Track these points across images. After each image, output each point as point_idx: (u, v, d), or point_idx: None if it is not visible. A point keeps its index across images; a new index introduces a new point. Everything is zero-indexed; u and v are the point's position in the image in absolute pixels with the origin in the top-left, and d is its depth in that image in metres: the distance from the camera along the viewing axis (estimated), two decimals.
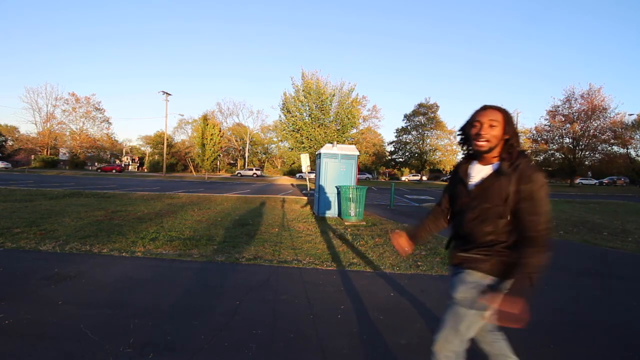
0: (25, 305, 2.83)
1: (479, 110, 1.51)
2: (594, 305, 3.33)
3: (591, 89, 37.90)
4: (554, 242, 6.43)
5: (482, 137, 1.45)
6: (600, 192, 27.63)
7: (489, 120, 1.45)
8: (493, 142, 1.46)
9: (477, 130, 1.48)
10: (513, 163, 1.42)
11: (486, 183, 1.46)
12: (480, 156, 1.54)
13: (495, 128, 1.45)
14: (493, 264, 1.48)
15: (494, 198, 1.42)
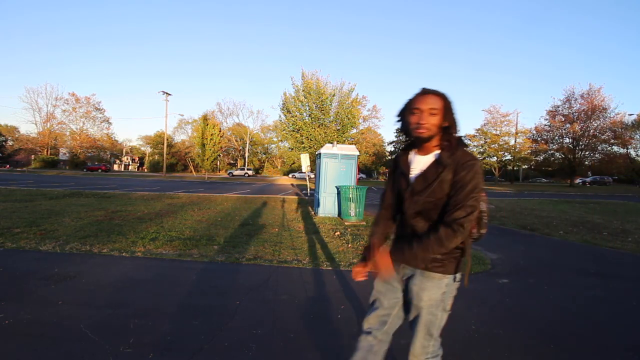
0: (25, 305, 2.83)
1: (417, 95, 1.39)
2: (594, 305, 3.33)
3: (591, 89, 37.97)
4: (555, 242, 6.43)
5: (422, 126, 1.36)
6: (600, 192, 27.63)
7: (428, 109, 1.35)
8: (433, 130, 1.36)
9: (417, 118, 1.37)
10: (453, 151, 1.36)
11: (427, 174, 1.39)
12: (420, 145, 1.45)
13: (435, 116, 1.36)
14: (448, 261, 1.42)
15: (436, 190, 1.36)
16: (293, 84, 26.28)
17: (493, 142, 43.81)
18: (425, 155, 1.44)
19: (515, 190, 27.70)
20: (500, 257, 5.06)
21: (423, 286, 1.43)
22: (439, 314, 1.45)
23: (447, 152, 1.37)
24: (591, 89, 37.94)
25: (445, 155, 1.37)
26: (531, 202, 15.77)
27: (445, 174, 1.34)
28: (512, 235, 7.08)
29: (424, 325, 1.46)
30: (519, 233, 7.40)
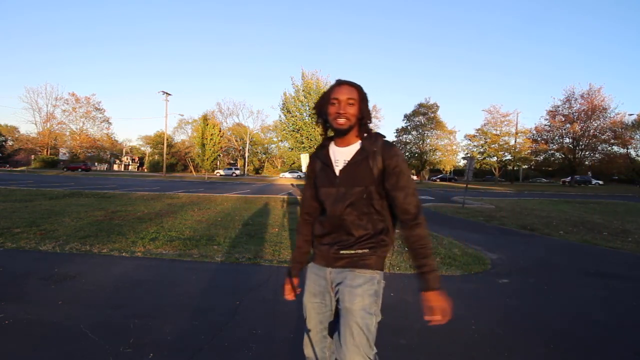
0: (25, 305, 2.83)
1: (334, 86, 1.38)
2: (594, 305, 3.33)
3: (591, 89, 37.99)
4: (555, 242, 6.43)
5: (341, 115, 1.34)
6: (600, 192, 27.62)
7: (346, 99, 1.34)
8: (352, 120, 1.35)
9: (336, 108, 1.35)
10: (375, 141, 1.36)
11: (353, 165, 1.36)
12: (340, 137, 1.41)
13: (353, 106, 1.35)
14: (378, 257, 1.38)
15: (363, 179, 1.34)
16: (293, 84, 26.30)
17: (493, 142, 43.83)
18: (347, 147, 1.40)
19: (515, 190, 27.70)
20: (500, 257, 5.06)
21: (355, 285, 1.34)
22: (371, 319, 1.32)
23: (369, 141, 1.37)
24: (591, 89, 37.99)
25: (368, 143, 1.36)
26: (531, 202, 15.76)
27: (372, 161, 1.33)
28: (512, 235, 7.08)
29: (356, 331, 1.29)
30: (519, 233, 7.39)
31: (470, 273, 4.22)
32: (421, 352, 2.33)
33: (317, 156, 1.49)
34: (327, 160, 1.43)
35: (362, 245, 1.36)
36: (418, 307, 3.21)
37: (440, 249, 5.25)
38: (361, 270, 1.36)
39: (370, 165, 1.33)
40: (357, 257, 1.36)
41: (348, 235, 1.38)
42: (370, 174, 1.33)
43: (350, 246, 1.37)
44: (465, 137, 47.60)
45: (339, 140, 1.42)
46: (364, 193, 1.34)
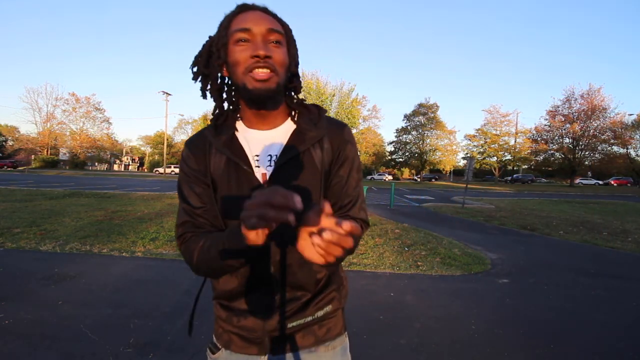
0: (25, 305, 2.83)
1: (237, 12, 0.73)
2: (594, 305, 3.33)
3: (591, 89, 38.01)
4: (555, 242, 6.43)
5: (263, 62, 0.69)
6: (600, 192, 27.63)
7: (267, 31, 0.70)
8: (281, 73, 0.72)
9: (252, 48, 0.69)
10: (317, 117, 0.81)
11: (292, 164, 0.76)
12: (257, 109, 0.76)
13: (280, 48, 0.72)
14: (342, 307, 0.90)
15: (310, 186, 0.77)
16: None
17: (493, 142, 43.87)
18: (272, 130, 0.79)
19: (515, 190, 27.70)
20: (500, 257, 5.06)
21: None
22: None
23: (308, 118, 0.81)
24: (591, 89, 38.01)
25: (308, 122, 0.80)
26: (531, 202, 15.77)
27: (316, 154, 0.78)
28: (512, 235, 7.08)
29: None
30: (519, 233, 7.39)
31: (470, 273, 4.22)
32: (421, 352, 2.33)
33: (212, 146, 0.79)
34: (239, 153, 0.77)
35: (323, 301, 0.83)
36: (418, 307, 3.23)
37: (440, 249, 5.25)
38: (327, 346, 0.84)
39: (314, 160, 0.78)
40: (317, 325, 0.83)
41: (295, 291, 0.79)
42: (317, 177, 0.78)
43: (304, 309, 0.80)
44: (465, 137, 47.65)
45: (255, 119, 0.78)
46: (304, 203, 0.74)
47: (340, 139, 0.81)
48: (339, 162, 0.81)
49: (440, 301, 3.26)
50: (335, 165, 0.80)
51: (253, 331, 0.80)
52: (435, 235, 6.39)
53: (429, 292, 3.52)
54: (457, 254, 5.01)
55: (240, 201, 0.65)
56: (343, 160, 0.81)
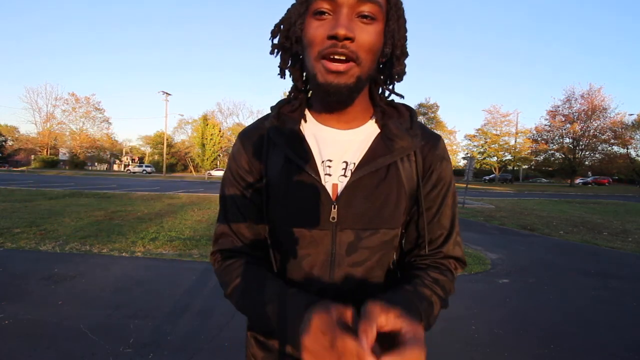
0: (25, 305, 2.83)
1: None
2: (594, 305, 3.33)
3: (591, 89, 38.03)
4: (555, 242, 6.43)
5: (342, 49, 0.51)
6: (600, 192, 27.63)
7: (356, 2, 0.52)
8: (366, 64, 0.55)
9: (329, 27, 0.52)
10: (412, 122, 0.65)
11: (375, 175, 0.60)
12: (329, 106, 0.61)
13: (372, 26, 0.54)
14: None
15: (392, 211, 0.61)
16: None
17: (493, 142, 43.86)
18: (350, 130, 0.63)
19: (515, 190, 27.70)
20: (500, 257, 5.06)
21: None
22: None
23: (398, 122, 0.64)
24: (591, 89, 38.03)
25: (398, 127, 0.63)
26: (531, 202, 15.77)
27: (405, 169, 0.62)
28: (512, 235, 7.08)
29: None
30: (519, 233, 7.39)
31: (470, 273, 4.22)
32: None
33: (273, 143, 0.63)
34: (304, 155, 0.61)
35: None
36: None
37: None
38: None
39: (402, 178, 0.62)
40: None
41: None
42: (403, 199, 0.62)
43: None
44: (465, 137, 47.66)
45: (329, 115, 0.63)
46: (390, 243, 0.63)
47: (434, 154, 0.64)
48: (430, 183, 0.64)
49: None
50: (425, 186, 0.64)
51: None
52: None
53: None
54: None
55: (296, 215, 0.59)
56: (436, 181, 0.64)
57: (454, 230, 0.66)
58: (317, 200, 0.59)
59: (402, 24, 0.59)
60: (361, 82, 0.55)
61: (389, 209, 0.60)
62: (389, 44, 0.57)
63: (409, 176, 0.62)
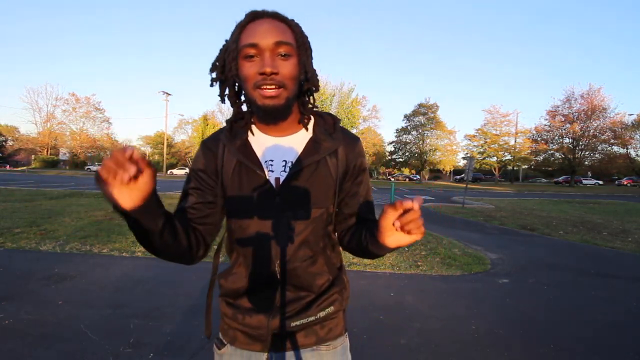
0: (25, 305, 2.83)
1: (246, 22, 0.73)
2: (594, 305, 3.33)
3: (591, 89, 38.04)
4: (555, 242, 6.43)
5: (271, 80, 0.70)
6: (600, 192, 27.63)
7: (274, 44, 0.70)
8: (290, 87, 0.73)
9: (258, 65, 0.70)
10: (332, 127, 0.84)
11: (307, 171, 0.78)
12: (268, 120, 0.79)
13: (289, 60, 0.72)
14: (344, 309, 0.92)
15: (323, 195, 0.80)
16: None
17: (493, 142, 43.87)
18: (286, 137, 0.81)
19: (515, 190, 27.71)
20: (500, 257, 5.06)
21: None
22: None
23: (324, 127, 0.83)
24: (591, 89, 38.03)
25: (323, 132, 0.82)
26: (531, 202, 15.77)
27: (330, 161, 0.81)
28: (512, 235, 7.08)
29: None
30: (519, 233, 7.40)
31: (470, 273, 4.22)
32: (421, 352, 2.33)
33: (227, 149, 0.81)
34: (251, 158, 0.79)
35: (326, 302, 0.84)
36: (418, 307, 3.23)
37: (440, 249, 5.25)
38: (328, 346, 0.86)
39: (330, 170, 0.81)
40: (319, 325, 0.85)
41: (299, 291, 0.82)
42: (331, 185, 0.81)
43: (307, 309, 0.82)
44: (465, 137, 47.67)
45: (268, 126, 0.81)
46: (323, 219, 0.81)
47: (354, 153, 0.85)
48: (354, 174, 0.85)
49: (440, 301, 3.26)
50: (351, 176, 0.84)
51: (257, 329, 0.82)
52: (435, 235, 6.39)
53: (429, 292, 3.52)
54: (457, 254, 5.01)
55: (249, 202, 0.78)
56: (359, 172, 0.85)
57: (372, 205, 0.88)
58: (264, 189, 0.78)
59: (309, 54, 0.78)
60: (289, 101, 0.74)
61: (319, 194, 0.79)
62: (303, 71, 0.76)
63: (335, 167, 0.81)
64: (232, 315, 0.84)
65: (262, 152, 0.81)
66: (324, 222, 0.82)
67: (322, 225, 0.82)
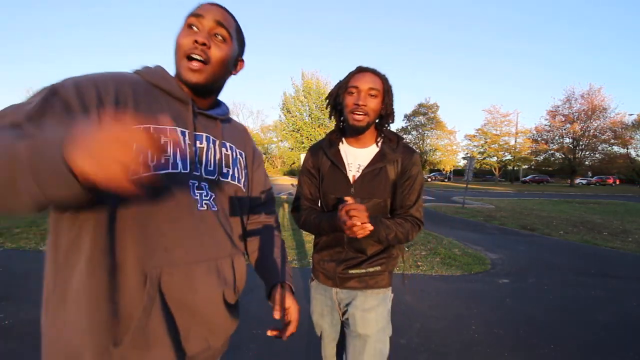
0: (25, 305, 2.83)
1: (354, 72, 1.18)
2: (594, 305, 3.33)
3: (591, 89, 37.97)
4: (555, 242, 6.43)
5: (360, 108, 1.13)
6: (600, 192, 27.63)
7: (368, 88, 1.13)
8: (372, 116, 1.16)
9: (354, 98, 1.14)
10: (397, 146, 1.22)
11: (371, 173, 1.19)
12: (354, 135, 1.22)
13: (375, 99, 1.15)
14: (389, 272, 1.27)
15: (382, 191, 1.19)
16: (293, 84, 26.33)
17: (493, 142, 43.85)
18: (363, 149, 1.23)
19: (515, 190, 27.71)
20: (500, 257, 5.06)
21: (368, 307, 1.21)
22: (387, 341, 1.25)
23: (389, 145, 1.22)
24: (591, 89, 37.96)
25: (388, 148, 1.21)
26: (531, 202, 15.77)
27: (390, 170, 1.19)
28: (512, 235, 7.08)
29: (373, 354, 1.20)
30: (519, 233, 7.39)
31: (470, 273, 4.22)
32: (421, 352, 2.33)
33: (325, 153, 1.26)
34: (339, 161, 1.22)
35: (373, 263, 1.22)
36: (418, 307, 3.23)
37: (440, 249, 5.25)
38: (373, 291, 1.23)
39: (389, 174, 1.19)
40: (368, 277, 1.23)
41: (358, 253, 1.23)
42: (388, 185, 1.19)
43: (360, 264, 1.22)
44: (465, 137, 47.65)
45: (353, 140, 1.24)
46: (380, 206, 1.20)
47: (410, 162, 1.21)
48: (405, 177, 1.20)
49: (440, 301, 3.26)
50: (402, 178, 1.20)
51: (329, 272, 1.27)
52: (435, 235, 6.39)
53: (429, 292, 3.52)
54: (457, 254, 5.01)
55: (335, 189, 1.23)
56: (409, 177, 1.20)
57: (417, 203, 1.21)
58: (345, 182, 1.21)
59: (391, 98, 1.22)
60: (369, 125, 1.18)
61: (379, 189, 1.19)
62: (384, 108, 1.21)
63: (393, 173, 1.20)
64: (318, 262, 1.31)
65: (346, 157, 1.23)
66: (381, 209, 1.21)
67: (380, 210, 1.20)
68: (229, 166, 0.84)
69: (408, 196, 1.20)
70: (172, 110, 0.74)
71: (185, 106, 0.76)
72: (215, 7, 0.76)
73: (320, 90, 25.37)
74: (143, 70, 0.76)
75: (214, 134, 0.82)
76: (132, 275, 0.64)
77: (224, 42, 0.76)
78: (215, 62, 0.75)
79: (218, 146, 0.82)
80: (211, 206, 0.76)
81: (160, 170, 0.67)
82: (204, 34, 0.73)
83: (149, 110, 0.70)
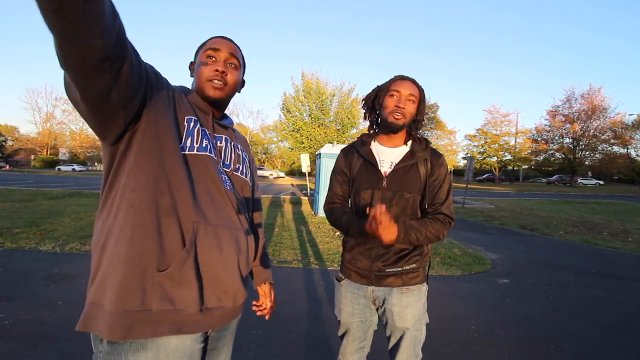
0: (25, 305, 2.83)
1: (396, 79, 1.30)
2: (594, 305, 3.33)
3: (591, 89, 37.96)
4: (555, 242, 6.43)
5: (399, 111, 1.24)
6: (600, 192, 27.62)
7: (408, 94, 1.26)
8: (408, 119, 1.27)
9: (395, 101, 1.26)
10: (425, 147, 1.32)
11: (402, 169, 1.28)
12: (387, 134, 1.32)
13: (413, 104, 1.27)
14: (424, 269, 1.34)
15: (413, 186, 1.27)
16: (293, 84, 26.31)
17: (493, 142, 43.83)
18: (394, 148, 1.33)
19: (515, 190, 27.71)
20: (500, 257, 5.06)
21: (405, 304, 1.29)
22: (423, 328, 1.36)
23: (419, 145, 1.32)
24: (591, 89, 37.95)
25: (418, 148, 1.31)
26: (531, 202, 15.77)
27: (422, 168, 1.28)
28: (512, 235, 7.08)
29: (411, 345, 1.32)
30: (519, 233, 7.40)
31: (470, 273, 4.22)
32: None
33: (357, 152, 1.35)
34: (371, 157, 1.31)
35: (409, 261, 1.28)
36: None
37: (440, 249, 5.25)
38: (409, 287, 1.30)
39: (419, 172, 1.27)
40: (405, 274, 1.29)
41: (386, 249, 1.27)
42: (419, 181, 1.27)
43: (397, 262, 1.27)
44: (465, 137, 47.63)
45: (385, 139, 1.34)
46: (412, 200, 1.27)
47: (437, 163, 1.30)
48: (434, 176, 1.29)
49: (440, 301, 3.26)
50: (431, 177, 1.29)
51: (364, 270, 1.30)
52: None
53: (429, 292, 3.51)
54: (457, 254, 5.01)
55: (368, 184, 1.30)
56: (438, 176, 1.29)
57: (447, 200, 1.29)
58: (377, 177, 1.29)
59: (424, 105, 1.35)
60: (404, 125, 1.28)
61: (409, 184, 1.27)
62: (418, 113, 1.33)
63: (424, 171, 1.28)
64: (349, 260, 1.35)
65: (378, 155, 1.32)
66: (411, 204, 1.27)
67: (410, 206, 1.27)
68: (240, 163, 1.03)
69: (438, 194, 1.28)
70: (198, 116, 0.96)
71: (206, 115, 0.98)
72: (228, 42, 1.01)
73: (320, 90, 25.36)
74: (179, 87, 1.02)
75: (229, 137, 1.04)
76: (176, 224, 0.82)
77: (236, 69, 1.01)
78: (231, 84, 0.99)
79: (232, 146, 1.03)
80: (232, 189, 0.96)
81: (202, 151, 0.89)
82: (221, 64, 0.97)
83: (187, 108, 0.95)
